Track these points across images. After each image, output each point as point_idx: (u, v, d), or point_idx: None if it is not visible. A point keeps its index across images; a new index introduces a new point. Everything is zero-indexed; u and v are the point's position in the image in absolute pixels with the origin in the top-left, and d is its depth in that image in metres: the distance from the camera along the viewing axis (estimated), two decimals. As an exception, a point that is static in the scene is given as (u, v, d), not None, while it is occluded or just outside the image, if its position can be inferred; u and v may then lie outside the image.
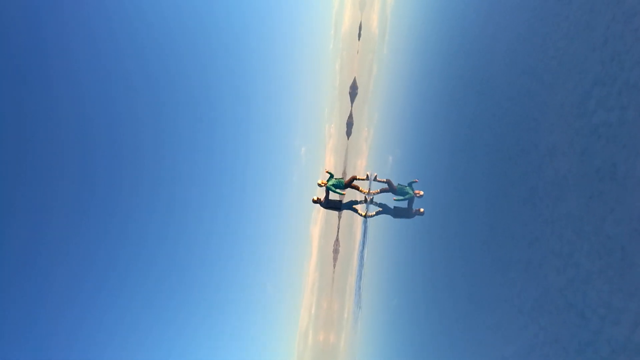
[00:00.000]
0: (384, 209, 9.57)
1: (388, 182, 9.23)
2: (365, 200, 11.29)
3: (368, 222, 12.77)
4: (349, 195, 14.01)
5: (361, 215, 11.74)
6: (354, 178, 13.24)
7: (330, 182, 13.13)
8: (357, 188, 13.22)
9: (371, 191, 11.28)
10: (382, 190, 9.57)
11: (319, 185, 13.06)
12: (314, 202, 13.76)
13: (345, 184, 13.08)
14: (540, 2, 5.87)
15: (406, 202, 8.92)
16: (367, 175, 12.79)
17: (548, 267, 4.70)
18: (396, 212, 9.25)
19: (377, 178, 10.56)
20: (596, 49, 4.34)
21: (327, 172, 12.97)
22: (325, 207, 13.76)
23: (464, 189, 8.65)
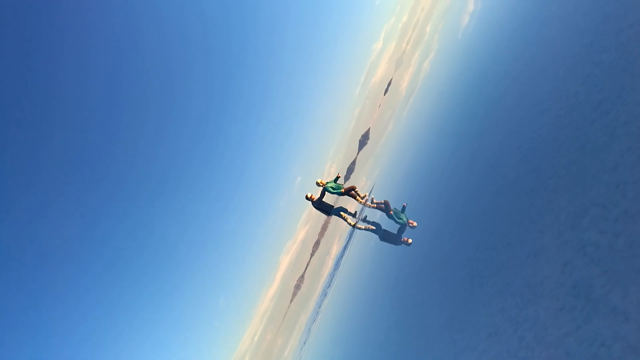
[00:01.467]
0: (375, 228, 9.49)
1: (385, 203, 9.17)
2: (356, 215, 11.27)
3: (352, 239, 12.56)
4: (342, 202, 13.94)
5: (350, 224, 11.72)
6: (352, 188, 13.29)
7: (328, 185, 13.07)
8: (354, 197, 13.15)
9: (368, 202, 11.25)
10: (378, 207, 9.49)
11: (317, 184, 12.97)
12: (307, 199, 13.56)
13: (342, 191, 13.04)
14: (569, 115, 6.06)
15: (398, 226, 8.81)
16: (366, 195, 12.59)
17: (499, 364, 4.63)
18: (384, 235, 9.12)
19: (374, 200, 10.58)
20: (605, 172, 4.46)
21: (338, 176, 13.04)
22: (316, 207, 13.55)
23: (442, 266, 8.61)
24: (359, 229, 11.11)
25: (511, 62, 10.18)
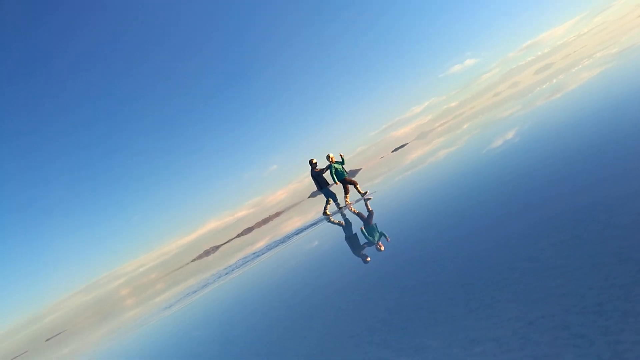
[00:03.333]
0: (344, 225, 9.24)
1: (369, 214, 8.74)
2: (339, 208, 12.36)
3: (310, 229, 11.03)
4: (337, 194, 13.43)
5: (326, 212, 13.15)
6: (354, 183, 13.45)
7: (336, 164, 13.17)
8: (347, 191, 13.50)
9: (350, 205, 12.06)
10: (358, 214, 9.31)
11: (327, 157, 13.30)
12: (310, 163, 13.60)
13: (344, 179, 13.30)
14: None
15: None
16: (366, 192, 13.04)
17: None
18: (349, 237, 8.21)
19: (367, 202, 11.08)
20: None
21: (341, 155, 13.19)
22: (314, 176, 13.54)
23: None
24: (330, 221, 11.08)
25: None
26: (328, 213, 13.86)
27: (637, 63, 9.98)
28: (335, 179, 13.49)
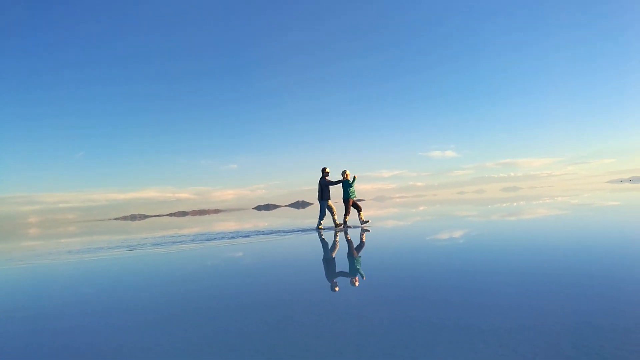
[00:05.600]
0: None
1: (360, 244, 8.65)
2: (336, 225, 13.37)
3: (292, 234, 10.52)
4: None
5: (319, 226, 13.58)
6: (359, 208, 13.72)
7: (350, 181, 13.50)
8: (348, 211, 13.54)
9: (341, 227, 13.25)
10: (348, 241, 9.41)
11: (343, 172, 13.50)
12: (323, 171, 13.68)
13: (351, 200, 13.59)
14: None
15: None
16: (364, 220, 13.74)
17: None
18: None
19: (363, 227, 12.55)
20: None
21: (355, 176, 13.64)
22: (322, 184, 13.57)
23: None
24: (319, 234, 11.73)
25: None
26: (321, 227, 13.70)
27: (587, 221, 10.62)
28: (350, 195, 13.56)
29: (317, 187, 13.80)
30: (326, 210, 13.68)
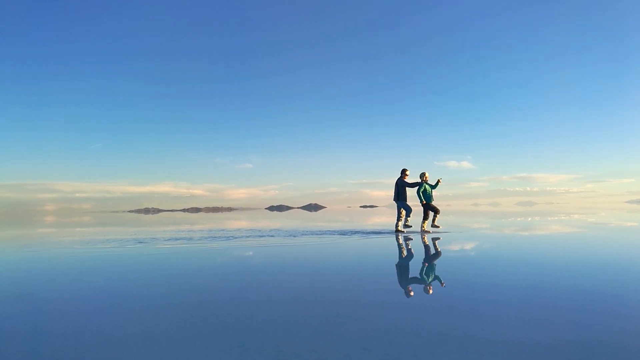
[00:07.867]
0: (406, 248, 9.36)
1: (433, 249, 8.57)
2: (404, 226, 13.71)
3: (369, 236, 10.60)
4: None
5: (397, 228, 13.68)
6: (437, 211, 13.71)
7: (427, 185, 13.60)
8: (426, 216, 13.70)
9: (425, 231, 13.41)
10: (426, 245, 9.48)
11: (422, 174, 13.52)
12: (402, 172, 13.71)
13: (430, 204, 13.67)
14: None
15: None
16: (439, 227, 14.15)
17: None
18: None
19: (424, 236, 11.96)
20: None
21: (439, 180, 13.63)
22: (400, 184, 13.57)
23: None
24: (400, 232, 13.05)
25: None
26: (400, 228, 13.42)
27: (602, 240, 10.42)
28: (422, 199, 13.32)
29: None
30: (408, 208, 13.29)
